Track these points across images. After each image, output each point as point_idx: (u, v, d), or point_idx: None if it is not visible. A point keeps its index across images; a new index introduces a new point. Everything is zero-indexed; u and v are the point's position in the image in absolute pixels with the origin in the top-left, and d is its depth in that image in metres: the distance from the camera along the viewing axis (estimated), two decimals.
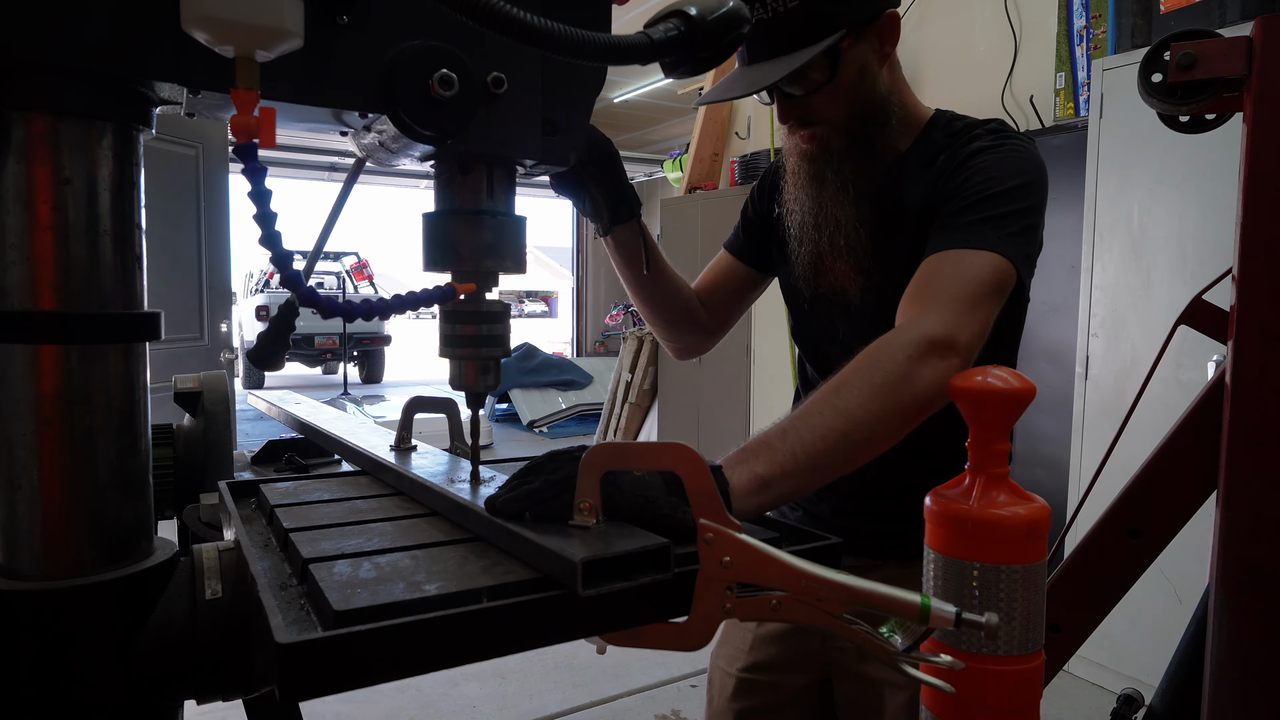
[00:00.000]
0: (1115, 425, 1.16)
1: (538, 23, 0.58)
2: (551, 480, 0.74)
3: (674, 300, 1.45)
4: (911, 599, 0.60)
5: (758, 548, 0.64)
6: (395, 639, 0.57)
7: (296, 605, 0.66)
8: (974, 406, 0.68)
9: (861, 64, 1.18)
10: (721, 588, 0.65)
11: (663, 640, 0.68)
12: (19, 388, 0.64)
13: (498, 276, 0.81)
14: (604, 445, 0.69)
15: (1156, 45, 1.05)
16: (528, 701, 3.22)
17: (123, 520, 0.69)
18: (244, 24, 0.56)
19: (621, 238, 1.30)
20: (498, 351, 0.82)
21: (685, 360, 1.59)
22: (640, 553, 0.65)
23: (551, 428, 9.03)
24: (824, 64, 1.15)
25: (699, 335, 1.52)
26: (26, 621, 0.64)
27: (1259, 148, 0.97)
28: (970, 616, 0.59)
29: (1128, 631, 2.94)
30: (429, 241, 0.80)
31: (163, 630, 0.69)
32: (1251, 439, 0.99)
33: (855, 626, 0.63)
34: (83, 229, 0.64)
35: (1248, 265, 0.99)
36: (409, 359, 17.32)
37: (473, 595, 0.64)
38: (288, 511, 0.85)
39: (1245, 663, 1.00)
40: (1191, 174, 2.89)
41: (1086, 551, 1.14)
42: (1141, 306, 3.06)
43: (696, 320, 1.49)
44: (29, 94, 0.61)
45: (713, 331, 1.53)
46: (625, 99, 8.99)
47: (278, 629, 0.56)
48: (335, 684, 0.56)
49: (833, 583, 0.62)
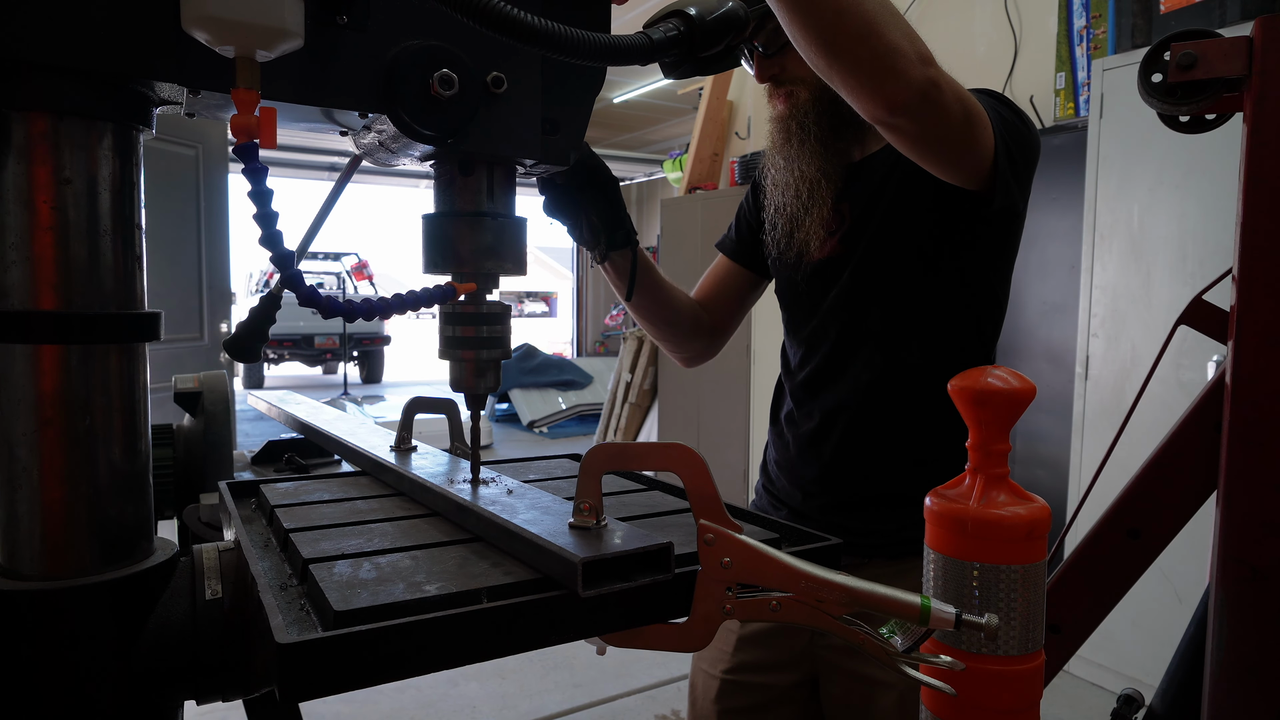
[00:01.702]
0: (1115, 425, 1.16)
1: (538, 23, 0.58)
2: None
3: (676, 315, 1.46)
4: (911, 600, 0.60)
5: (758, 548, 0.64)
6: (396, 639, 0.57)
7: (297, 605, 0.66)
8: (974, 406, 0.68)
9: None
10: (721, 588, 0.65)
11: (663, 641, 0.68)
12: (19, 388, 0.64)
13: (498, 278, 0.81)
14: (604, 446, 0.68)
15: (1156, 45, 1.05)
16: (528, 701, 3.22)
17: (123, 520, 0.69)
18: (244, 24, 0.56)
19: (618, 264, 1.30)
20: (497, 353, 0.82)
21: (692, 368, 1.61)
22: (640, 553, 0.65)
23: (552, 428, 9.03)
24: None
25: (703, 343, 1.54)
26: (27, 621, 0.64)
27: (1259, 148, 0.97)
28: (970, 617, 0.59)
29: (1128, 631, 2.94)
30: (429, 243, 0.80)
31: (163, 630, 0.69)
32: (1251, 439, 0.99)
33: (855, 627, 0.63)
34: (83, 229, 0.64)
35: (1248, 265, 0.99)
36: (409, 359, 17.32)
37: (473, 595, 0.64)
38: (288, 512, 0.85)
39: (1245, 663, 1.00)
40: (1191, 174, 2.89)
41: (1086, 551, 1.14)
42: (1141, 306, 3.06)
43: (700, 330, 1.50)
44: (29, 94, 0.61)
45: (716, 337, 1.55)
46: (625, 99, 8.99)
47: (278, 629, 0.56)
48: (336, 684, 0.56)
49: (833, 583, 0.62)
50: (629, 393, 6.94)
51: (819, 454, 1.36)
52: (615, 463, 0.70)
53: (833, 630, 0.63)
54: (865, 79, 0.96)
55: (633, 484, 1.03)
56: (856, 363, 1.31)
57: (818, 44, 0.93)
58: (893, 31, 0.94)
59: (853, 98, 0.99)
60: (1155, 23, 3.15)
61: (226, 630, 0.71)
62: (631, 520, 0.82)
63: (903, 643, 0.62)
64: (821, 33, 0.92)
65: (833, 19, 0.91)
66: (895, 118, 0.99)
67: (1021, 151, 1.18)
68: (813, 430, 1.36)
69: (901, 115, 0.99)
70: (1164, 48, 1.04)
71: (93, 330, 0.65)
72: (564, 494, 0.81)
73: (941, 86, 0.99)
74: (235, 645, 0.71)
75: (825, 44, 0.93)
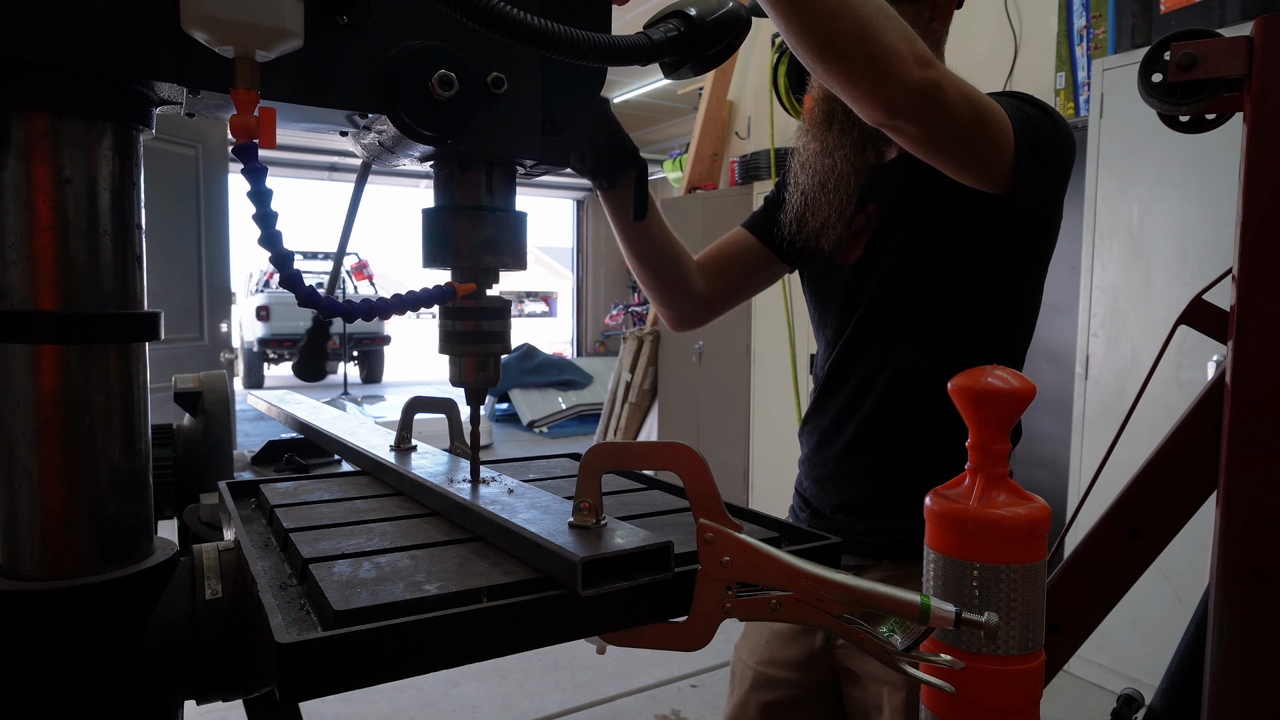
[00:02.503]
0: (1115, 425, 1.16)
1: (539, 24, 0.58)
2: None
3: (669, 261, 1.41)
4: (911, 599, 0.60)
5: (757, 547, 0.64)
6: (396, 639, 0.57)
7: (296, 605, 0.66)
8: (974, 406, 0.68)
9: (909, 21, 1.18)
10: (721, 587, 0.65)
11: (662, 640, 0.68)
12: (19, 387, 0.64)
13: (498, 273, 0.81)
14: (604, 445, 0.69)
15: (1156, 45, 1.05)
16: (527, 701, 3.22)
17: (122, 520, 0.69)
18: (244, 24, 0.56)
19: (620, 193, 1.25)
20: (497, 348, 0.81)
21: (681, 331, 1.55)
22: (640, 552, 0.65)
23: (551, 428, 9.03)
24: None
25: (693, 305, 1.48)
26: (26, 621, 0.64)
27: (1259, 147, 0.97)
28: (970, 616, 0.59)
29: (1128, 631, 2.94)
30: (428, 237, 0.80)
31: (163, 630, 0.69)
32: (1251, 438, 0.99)
33: (855, 626, 0.63)
34: (82, 229, 0.64)
35: (1248, 265, 0.98)
36: (409, 359, 17.31)
37: (473, 595, 0.64)
38: (287, 511, 0.85)
39: (1245, 662, 1.00)
40: (1191, 174, 2.89)
41: (1086, 551, 1.14)
42: (1141, 306, 3.06)
43: (690, 288, 1.45)
44: (29, 94, 0.61)
45: (709, 305, 1.49)
46: (625, 99, 8.99)
47: (278, 629, 0.56)
48: (336, 684, 0.56)
49: (832, 582, 0.62)
50: (629, 393, 6.94)
51: (831, 451, 1.36)
52: (615, 462, 0.70)
53: (832, 629, 0.63)
54: (862, 83, 0.95)
55: (633, 483, 1.03)
56: (872, 365, 1.31)
57: (813, 49, 0.93)
58: (889, 34, 0.93)
59: (852, 101, 0.99)
60: (1155, 23, 3.15)
61: (226, 630, 0.71)
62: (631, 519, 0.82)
63: (902, 641, 0.62)
64: (816, 37, 0.92)
65: (828, 24, 0.91)
66: (895, 120, 0.99)
67: (1050, 149, 1.16)
68: (827, 427, 1.37)
69: (901, 118, 0.98)
70: (1164, 48, 1.04)
71: (92, 330, 0.65)
72: (564, 493, 0.81)
73: (943, 87, 0.98)
74: (235, 645, 0.71)
75: (820, 49, 0.93)
